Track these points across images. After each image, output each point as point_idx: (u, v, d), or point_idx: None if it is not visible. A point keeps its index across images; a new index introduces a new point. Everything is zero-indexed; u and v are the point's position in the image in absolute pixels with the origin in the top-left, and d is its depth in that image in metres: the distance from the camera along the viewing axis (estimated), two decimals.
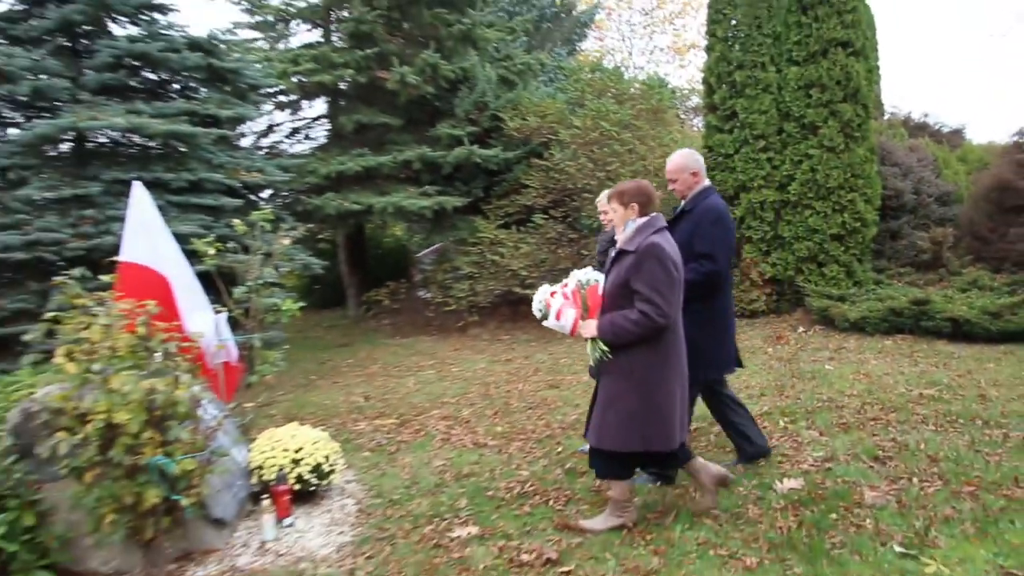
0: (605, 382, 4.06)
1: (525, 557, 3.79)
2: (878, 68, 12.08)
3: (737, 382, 7.15)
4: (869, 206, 10.29)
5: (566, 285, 4.21)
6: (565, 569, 3.66)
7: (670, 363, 3.93)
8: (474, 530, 4.17)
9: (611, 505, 4.13)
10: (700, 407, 5.12)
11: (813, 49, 10.21)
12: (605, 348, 3.96)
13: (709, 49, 11.14)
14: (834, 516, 4.04)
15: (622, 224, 4.06)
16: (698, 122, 17.82)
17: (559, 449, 5.50)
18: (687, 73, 32.70)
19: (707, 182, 4.76)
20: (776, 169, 10.58)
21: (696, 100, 17.27)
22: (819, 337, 9.17)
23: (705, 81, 11.33)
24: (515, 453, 5.48)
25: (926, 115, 15.79)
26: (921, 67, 39.31)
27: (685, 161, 4.71)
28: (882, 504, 4.16)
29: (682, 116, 16.37)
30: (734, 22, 10.77)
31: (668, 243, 3.91)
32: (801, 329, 9.65)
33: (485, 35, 13.09)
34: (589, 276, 4.17)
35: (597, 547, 3.88)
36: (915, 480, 4.46)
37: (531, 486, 4.78)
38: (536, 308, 4.25)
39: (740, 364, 4.96)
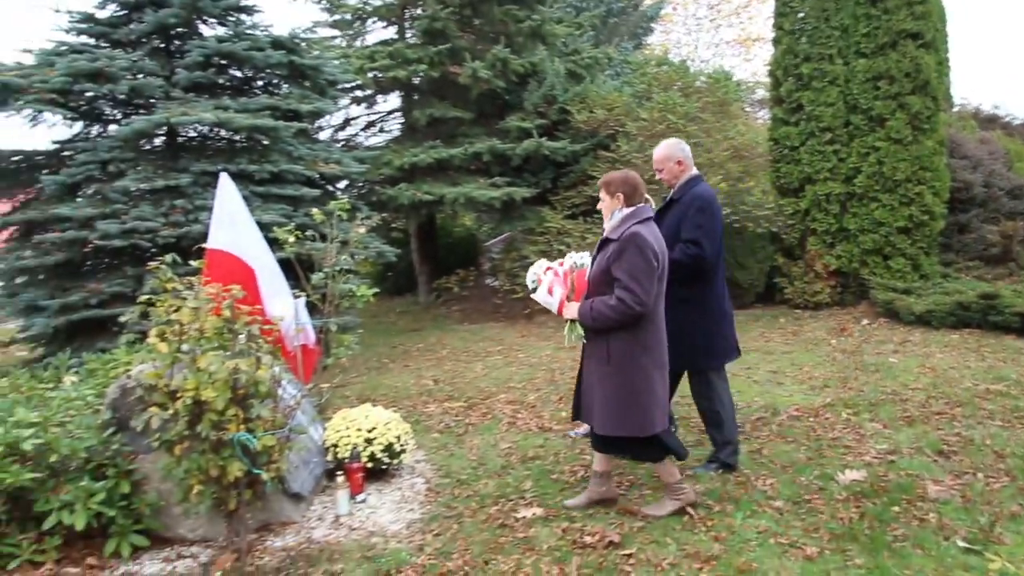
0: (588, 366, 4.20)
1: (588, 539, 3.90)
2: (948, 60, 11.70)
3: (799, 373, 7.12)
4: (937, 199, 10.08)
5: (562, 264, 4.33)
6: (627, 552, 3.76)
7: (648, 349, 4.02)
8: (538, 511, 4.30)
9: (667, 490, 4.23)
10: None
11: (882, 41, 10.04)
12: (582, 332, 4.10)
13: (776, 42, 11.06)
14: (896, 509, 4.04)
15: (609, 213, 4.19)
16: (763, 115, 17.50)
17: None
18: (752, 66, 32.15)
19: (694, 171, 4.84)
20: (842, 162, 10.45)
21: (762, 93, 16.93)
22: (883, 330, 9.03)
23: (771, 74, 11.27)
24: (579, 438, 5.60)
25: (997, 107, 15.43)
26: (992, 58, 37.67)
27: (670, 151, 4.79)
28: (946, 498, 4.14)
29: (747, 109, 16.08)
30: (801, 15, 10.68)
31: (651, 233, 4.01)
32: (865, 321, 9.50)
33: (554, 30, 13.22)
34: (584, 259, 4.29)
35: (658, 531, 3.97)
36: (980, 475, 4.42)
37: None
38: (529, 280, 4.36)
39: (739, 352, 4.96)
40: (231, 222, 5.02)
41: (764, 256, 11.24)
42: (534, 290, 4.33)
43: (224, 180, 5.11)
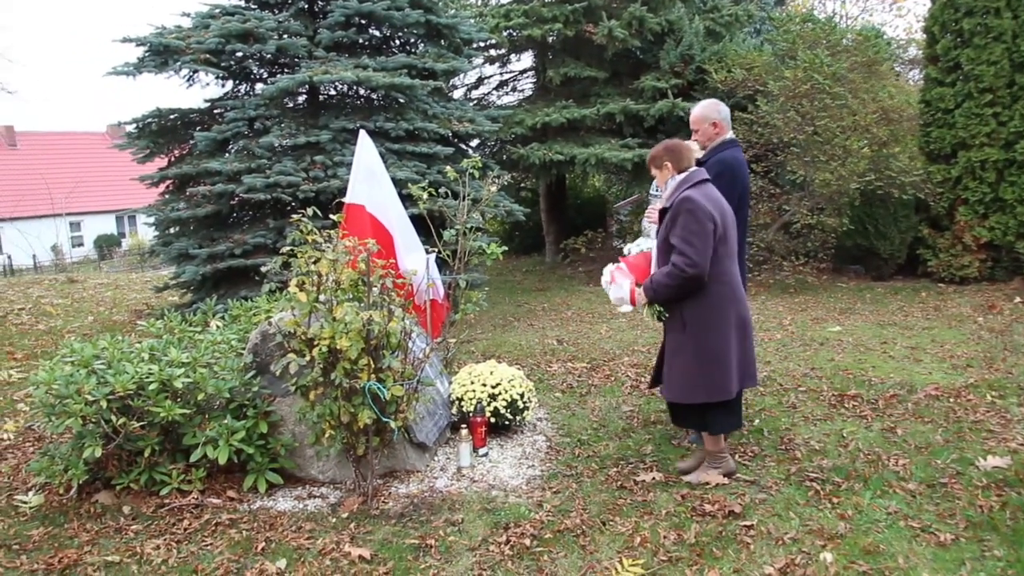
0: (667, 336, 4.20)
1: (708, 507, 3.84)
2: None
3: (940, 351, 6.71)
4: None
5: (624, 259, 4.36)
6: (747, 523, 3.68)
7: (722, 313, 3.96)
8: (658, 476, 4.27)
9: (708, 456, 4.21)
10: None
11: None
12: (660, 308, 4.07)
13: None
14: None
15: (663, 186, 4.14)
16: (914, 75, 16.35)
17: (745, 405, 5.46)
18: (903, 22, 29.98)
19: (729, 134, 4.61)
20: (1003, 125, 9.61)
21: (914, 51, 15.79)
22: None
23: (927, 30, 10.44)
24: None
25: None
26: None
27: (705, 112, 4.61)
28: None
29: (897, 69, 15.05)
30: None
31: (704, 195, 3.92)
32: (1018, 299, 8.79)
33: None
34: (646, 244, 4.28)
35: (781, 505, 3.86)
36: None
37: None
38: (604, 283, 4.36)
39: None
40: (369, 178, 5.17)
41: (907, 226, 10.60)
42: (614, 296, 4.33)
43: (363, 137, 5.24)
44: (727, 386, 4.00)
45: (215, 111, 9.24)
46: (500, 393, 4.84)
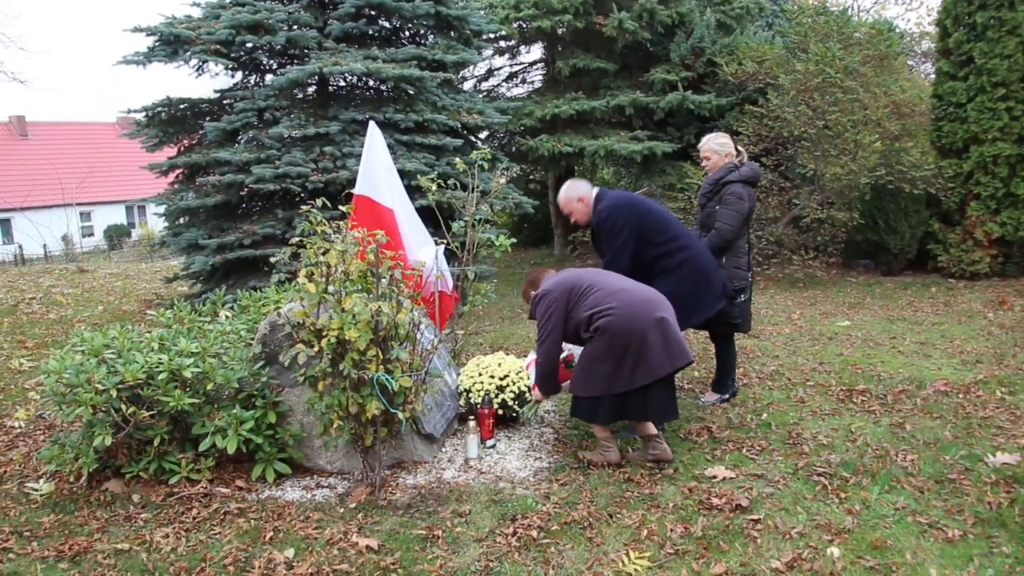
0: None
1: (715, 501, 3.83)
2: None
3: (950, 347, 6.68)
4: None
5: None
6: (754, 517, 3.67)
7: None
8: (668, 470, 4.27)
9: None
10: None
11: None
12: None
13: None
14: None
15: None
16: (926, 68, 16.22)
17: (753, 399, 5.45)
18: (914, 15, 29.78)
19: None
20: (1016, 120, 9.54)
21: (926, 45, 15.69)
22: None
23: (939, 23, 10.34)
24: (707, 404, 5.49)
25: None
26: None
27: (568, 195, 4.96)
28: None
29: (909, 63, 14.96)
30: None
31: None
32: None
33: None
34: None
35: (788, 499, 3.85)
36: None
37: (724, 432, 4.80)
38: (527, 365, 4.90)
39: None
40: (377, 169, 5.16)
41: (918, 221, 10.54)
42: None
43: (372, 128, 5.24)
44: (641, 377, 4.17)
45: (225, 101, 9.26)
46: (508, 385, 4.84)
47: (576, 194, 4.86)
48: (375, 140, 5.18)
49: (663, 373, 4.15)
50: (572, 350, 4.75)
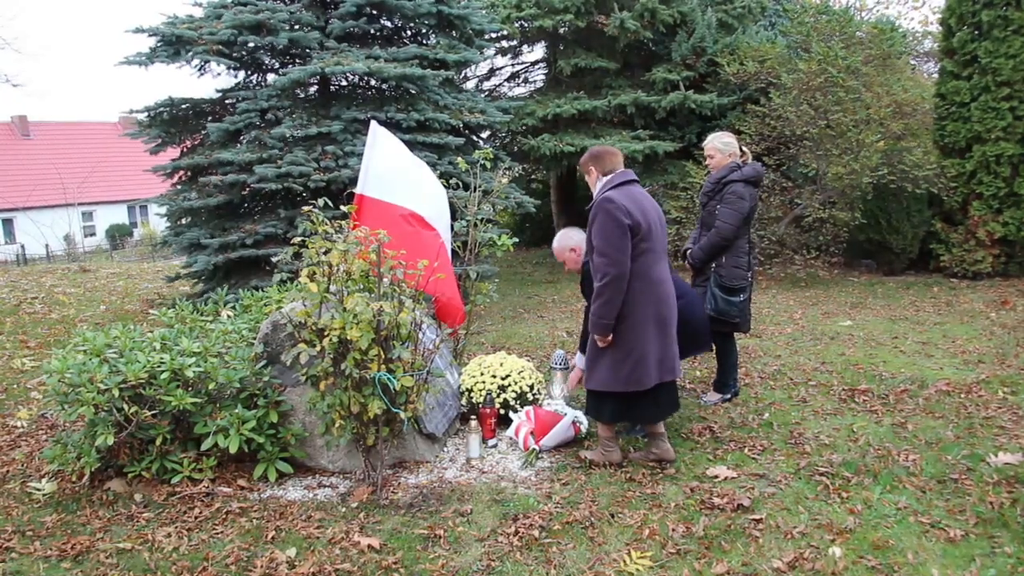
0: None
1: (717, 500, 3.84)
2: None
3: (952, 346, 6.67)
4: None
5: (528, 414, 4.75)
6: (756, 517, 3.67)
7: (642, 309, 4.08)
8: (670, 470, 4.28)
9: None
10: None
11: None
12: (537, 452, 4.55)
13: None
14: None
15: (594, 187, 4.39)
16: (928, 68, 16.20)
17: (755, 399, 5.45)
18: (919, 14, 29.83)
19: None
20: (1019, 120, 9.55)
21: (930, 44, 15.67)
22: None
23: (943, 22, 10.31)
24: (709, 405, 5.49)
25: None
26: None
27: (560, 244, 4.98)
28: None
29: (912, 62, 14.93)
30: None
31: (626, 195, 4.07)
32: None
33: None
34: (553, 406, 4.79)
35: (790, 499, 3.86)
36: None
37: (726, 432, 4.80)
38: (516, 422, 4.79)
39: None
40: (381, 168, 5.13)
41: (920, 220, 10.53)
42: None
43: (374, 127, 5.22)
44: (643, 379, 4.10)
45: (227, 101, 9.25)
46: (510, 384, 4.85)
47: (569, 244, 4.91)
48: (379, 139, 5.13)
49: (651, 384, 4.16)
50: (581, 364, 4.77)
